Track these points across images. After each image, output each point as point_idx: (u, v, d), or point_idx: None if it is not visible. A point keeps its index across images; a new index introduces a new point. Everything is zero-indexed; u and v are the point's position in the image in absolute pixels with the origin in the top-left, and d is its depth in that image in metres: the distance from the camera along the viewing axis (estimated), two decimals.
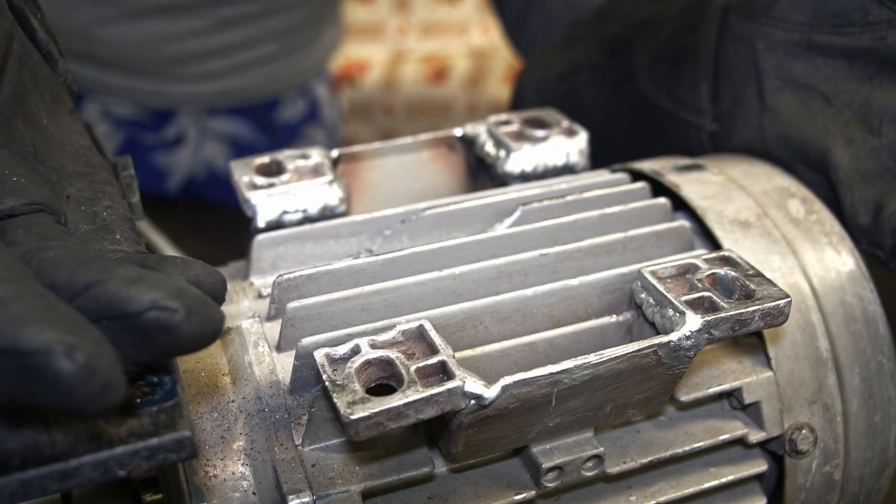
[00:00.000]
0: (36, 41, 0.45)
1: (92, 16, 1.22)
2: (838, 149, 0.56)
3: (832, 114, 0.57)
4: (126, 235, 0.38)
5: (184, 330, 0.30)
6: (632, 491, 0.48)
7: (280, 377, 0.44)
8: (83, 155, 0.42)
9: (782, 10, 0.59)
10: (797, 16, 0.58)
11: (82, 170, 0.41)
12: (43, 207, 0.36)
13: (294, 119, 1.44)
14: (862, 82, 0.56)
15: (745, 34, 0.61)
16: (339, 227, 0.54)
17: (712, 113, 0.64)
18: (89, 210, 0.39)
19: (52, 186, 0.38)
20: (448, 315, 0.45)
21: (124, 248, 0.37)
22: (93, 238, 0.37)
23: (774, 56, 0.60)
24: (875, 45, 0.56)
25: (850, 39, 0.56)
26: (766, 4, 0.60)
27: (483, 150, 0.62)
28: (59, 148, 0.42)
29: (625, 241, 0.50)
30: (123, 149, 1.34)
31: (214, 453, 0.43)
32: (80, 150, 0.43)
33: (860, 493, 0.53)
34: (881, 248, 0.54)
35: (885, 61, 0.56)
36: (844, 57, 0.57)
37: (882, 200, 0.54)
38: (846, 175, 0.55)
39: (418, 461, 0.43)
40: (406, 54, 2.31)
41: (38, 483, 0.30)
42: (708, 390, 0.48)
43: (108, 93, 1.32)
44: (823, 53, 0.58)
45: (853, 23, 0.56)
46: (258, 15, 1.29)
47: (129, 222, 0.40)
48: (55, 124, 0.43)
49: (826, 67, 0.58)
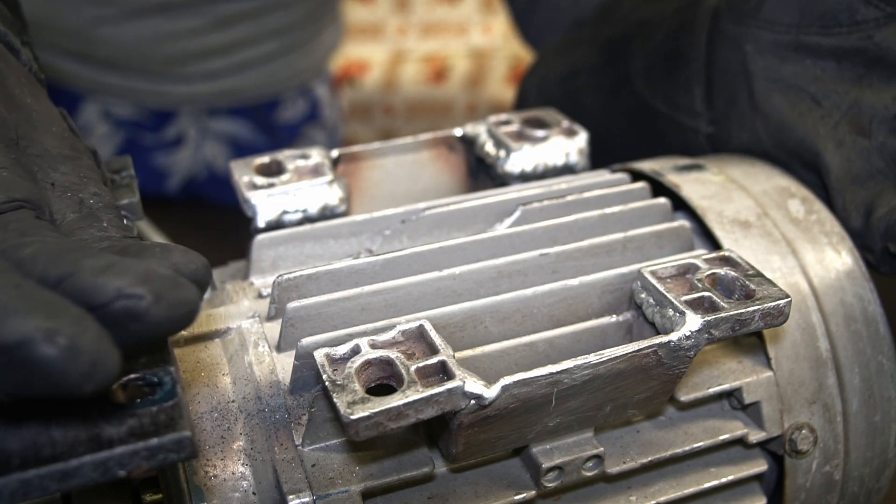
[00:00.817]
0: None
1: (91, 15, 1.22)
2: (829, 152, 0.56)
3: (822, 115, 0.57)
4: (113, 222, 0.38)
5: (153, 315, 0.30)
6: (632, 491, 0.48)
7: (280, 377, 0.44)
8: (68, 138, 0.42)
9: (770, 11, 0.59)
10: (785, 17, 0.58)
11: (68, 153, 0.41)
12: (24, 203, 0.35)
13: (294, 119, 1.44)
14: (851, 83, 0.56)
15: (735, 36, 0.61)
16: (339, 227, 0.54)
17: (707, 116, 0.64)
18: (75, 197, 0.38)
19: (34, 177, 0.38)
20: (448, 315, 0.45)
21: (112, 234, 0.37)
22: (80, 227, 0.37)
23: (763, 58, 0.59)
24: (863, 45, 0.55)
25: (838, 40, 0.56)
26: (754, 6, 0.60)
27: (483, 150, 0.62)
28: (45, 129, 0.41)
29: (625, 241, 0.50)
30: (123, 149, 1.34)
31: (214, 453, 0.43)
32: (64, 132, 0.42)
33: (860, 493, 0.53)
34: (871, 251, 0.54)
35: (873, 61, 0.55)
36: (833, 57, 0.57)
37: (873, 203, 0.54)
38: (837, 178, 0.55)
39: (418, 461, 0.43)
40: (406, 54, 2.31)
41: (38, 483, 0.30)
42: (708, 390, 0.48)
43: (108, 93, 1.32)
44: (812, 54, 0.58)
45: (841, 23, 0.56)
46: (257, 12, 1.29)
47: (115, 209, 0.39)
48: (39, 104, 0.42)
49: (815, 68, 0.58)
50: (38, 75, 0.47)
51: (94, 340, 0.28)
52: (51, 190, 0.38)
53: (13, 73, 0.42)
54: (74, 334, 0.27)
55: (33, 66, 0.46)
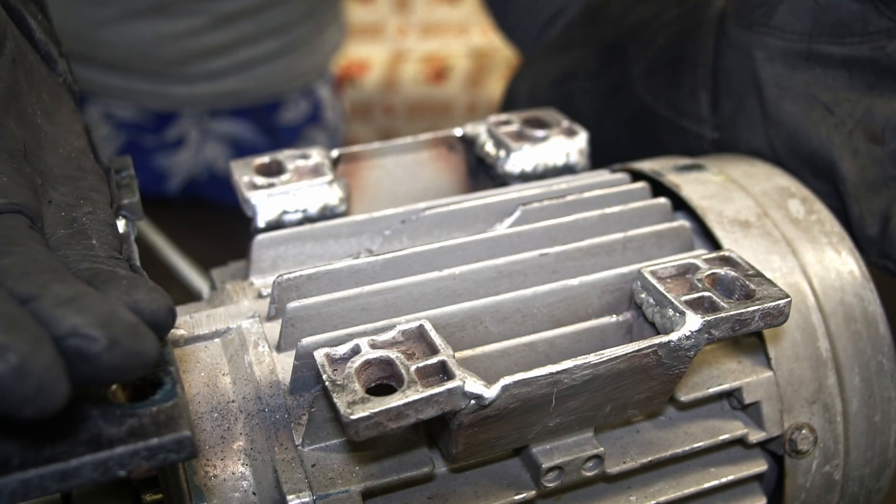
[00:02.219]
0: (34, 41, 0.45)
1: (91, 17, 1.23)
2: (845, 160, 0.56)
3: (835, 123, 0.57)
4: (104, 241, 0.37)
5: (104, 361, 0.29)
6: (632, 491, 0.48)
7: (280, 377, 0.44)
8: (75, 158, 0.42)
9: (781, 19, 0.59)
10: (797, 25, 0.58)
11: (71, 173, 0.41)
12: (21, 209, 0.35)
13: (296, 121, 1.44)
14: (862, 92, 0.56)
15: (743, 42, 0.61)
16: (339, 227, 0.54)
17: (713, 121, 0.64)
18: (69, 216, 0.38)
19: (34, 188, 0.38)
20: (448, 315, 0.45)
21: (98, 252, 0.36)
22: (66, 243, 0.36)
23: (773, 65, 0.59)
24: (875, 55, 0.55)
25: (850, 49, 0.56)
26: (765, 13, 0.59)
27: (483, 150, 0.62)
28: (51, 149, 0.41)
29: (625, 241, 0.50)
30: (124, 151, 1.35)
31: (214, 453, 0.43)
32: (72, 153, 0.42)
33: (860, 493, 0.53)
34: (890, 259, 0.54)
35: (885, 71, 0.55)
36: (845, 67, 0.57)
37: (889, 211, 0.54)
38: (853, 186, 0.55)
39: (418, 461, 0.43)
40: (406, 54, 2.31)
41: (38, 483, 0.30)
42: (708, 390, 0.48)
43: (109, 95, 1.32)
44: (823, 63, 0.58)
45: (853, 32, 0.56)
46: (256, 9, 1.29)
47: (110, 228, 0.39)
48: (51, 124, 0.42)
49: (826, 77, 0.58)
50: (73, 87, 0.47)
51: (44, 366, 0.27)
52: (47, 206, 0.38)
53: (34, 91, 0.42)
54: (26, 354, 0.27)
55: (68, 78, 0.47)
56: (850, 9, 0.56)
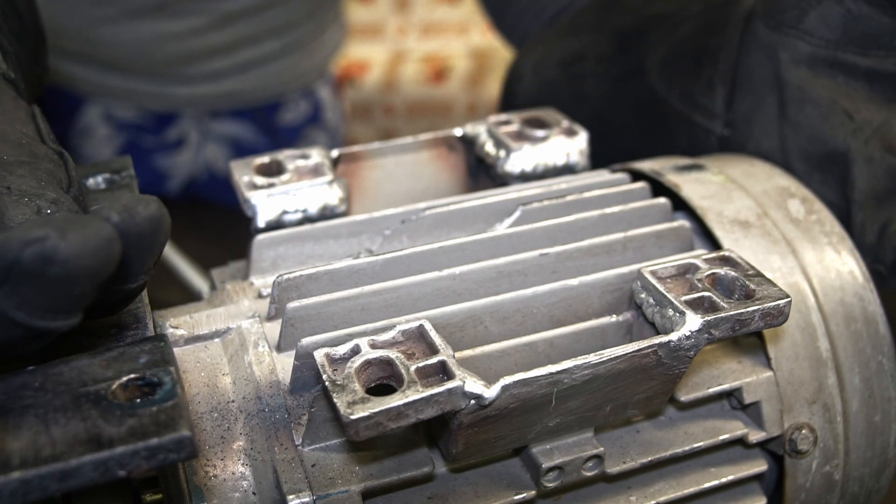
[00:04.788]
0: None
1: (92, 16, 1.23)
2: (858, 165, 0.57)
3: (854, 129, 0.58)
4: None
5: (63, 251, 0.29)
6: (632, 491, 0.48)
7: (280, 377, 0.44)
8: (26, 144, 0.42)
9: (811, 24, 0.59)
10: (826, 32, 0.59)
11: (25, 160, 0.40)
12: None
13: (296, 121, 1.44)
14: (881, 105, 0.57)
15: (770, 43, 0.61)
16: (339, 227, 0.54)
17: (725, 118, 0.64)
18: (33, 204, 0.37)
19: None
20: (448, 315, 0.45)
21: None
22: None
23: (798, 68, 0.60)
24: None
25: (874, 62, 0.57)
26: (796, 16, 0.60)
27: (483, 150, 0.62)
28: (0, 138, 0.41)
29: (625, 241, 0.50)
30: (124, 151, 1.35)
31: (214, 453, 0.43)
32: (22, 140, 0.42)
33: (860, 493, 0.53)
34: (883, 263, 0.54)
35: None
36: (866, 79, 0.58)
37: (889, 219, 0.54)
38: (861, 192, 0.56)
39: (418, 461, 0.43)
40: (406, 54, 2.31)
41: (38, 483, 0.30)
42: (708, 390, 0.48)
43: (110, 95, 1.32)
44: (846, 72, 0.58)
45: (879, 46, 0.57)
46: (257, 9, 1.29)
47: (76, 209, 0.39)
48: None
49: (847, 87, 0.58)
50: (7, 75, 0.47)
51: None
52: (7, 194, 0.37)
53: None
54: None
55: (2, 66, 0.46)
56: (880, 22, 0.57)
